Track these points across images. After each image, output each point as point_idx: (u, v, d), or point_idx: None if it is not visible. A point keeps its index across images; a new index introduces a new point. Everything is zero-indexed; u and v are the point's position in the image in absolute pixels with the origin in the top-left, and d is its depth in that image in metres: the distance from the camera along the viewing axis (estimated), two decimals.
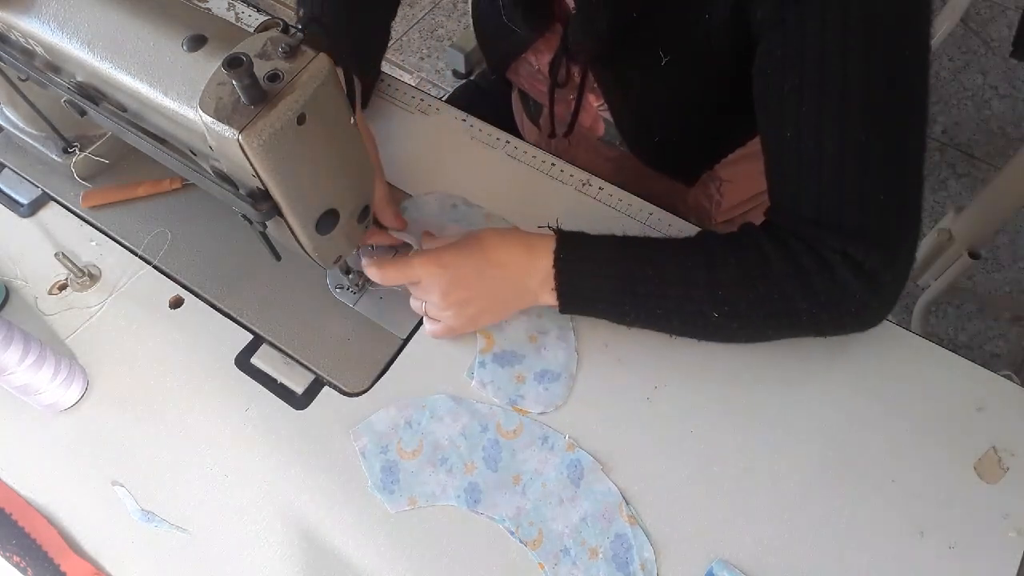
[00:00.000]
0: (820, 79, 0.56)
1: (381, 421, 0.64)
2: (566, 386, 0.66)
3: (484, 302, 0.65)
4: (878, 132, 0.56)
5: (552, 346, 0.68)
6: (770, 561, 0.58)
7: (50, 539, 0.60)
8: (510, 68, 0.85)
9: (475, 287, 0.65)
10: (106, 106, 0.58)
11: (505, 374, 0.66)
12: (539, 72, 0.81)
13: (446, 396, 0.66)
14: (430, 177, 0.79)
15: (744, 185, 0.85)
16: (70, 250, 0.75)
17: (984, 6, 2.10)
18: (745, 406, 0.65)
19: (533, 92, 0.86)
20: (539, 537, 0.59)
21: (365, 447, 0.63)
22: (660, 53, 0.67)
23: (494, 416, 0.65)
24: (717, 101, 0.72)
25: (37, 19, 0.56)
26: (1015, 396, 0.65)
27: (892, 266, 0.60)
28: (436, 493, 0.61)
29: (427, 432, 0.64)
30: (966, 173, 1.82)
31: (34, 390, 0.63)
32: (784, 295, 0.60)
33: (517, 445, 0.63)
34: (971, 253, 1.22)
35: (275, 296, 0.72)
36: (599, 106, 0.79)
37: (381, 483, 0.62)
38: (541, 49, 0.78)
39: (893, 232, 0.59)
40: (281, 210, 0.53)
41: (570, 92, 0.80)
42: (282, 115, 0.47)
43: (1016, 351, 1.56)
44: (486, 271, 0.65)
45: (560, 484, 0.61)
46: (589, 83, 0.77)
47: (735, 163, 0.82)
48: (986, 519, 0.59)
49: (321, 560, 0.59)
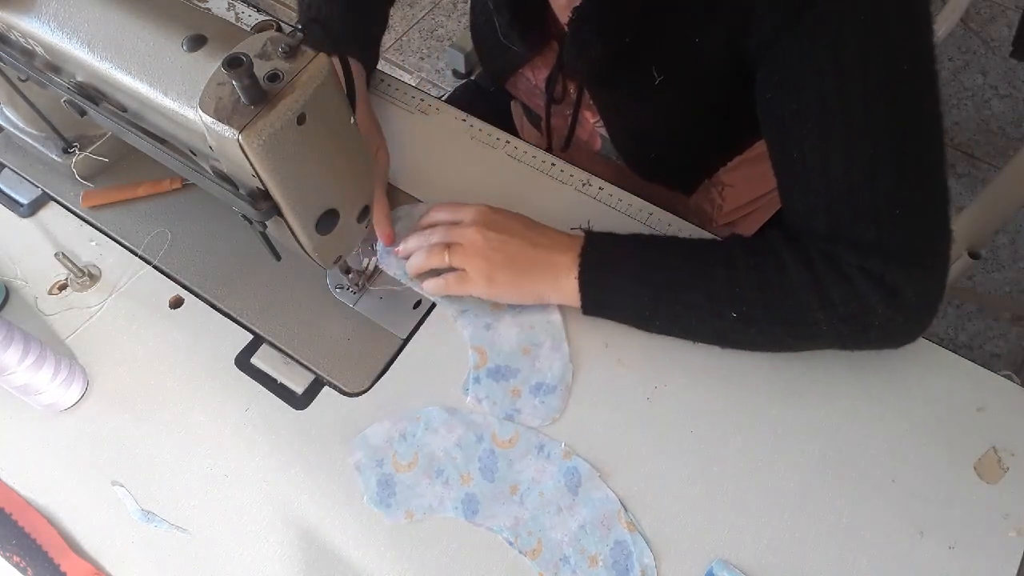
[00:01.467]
0: (819, 102, 0.56)
1: (375, 435, 0.64)
2: (562, 398, 0.65)
3: (515, 249, 0.66)
4: (886, 147, 0.55)
5: (546, 357, 0.67)
6: (770, 561, 0.58)
7: (50, 539, 0.60)
8: (508, 82, 0.85)
9: (515, 231, 0.67)
10: (106, 106, 0.58)
11: (500, 389, 0.66)
12: (536, 87, 0.81)
13: (440, 407, 0.65)
14: (430, 177, 0.79)
15: (745, 188, 0.85)
16: (70, 250, 0.75)
17: (984, 6, 2.10)
18: (745, 406, 0.65)
19: (531, 105, 0.87)
20: (538, 546, 0.59)
21: (360, 461, 0.63)
22: (654, 73, 0.67)
23: (489, 426, 0.64)
24: (712, 118, 0.73)
25: (37, 19, 0.56)
26: (1015, 396, 0.65)
27: (916, 282, 0.58)
28: (433, 505, 0.61)
29: (422, 444, 0.63)
30: (966, 173, 1.82)
31: (34, 390, 0.63)
32: (800, 303, 0.60)
33: (513, 455, 0.63)
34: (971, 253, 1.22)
35: (275, 296, 0.72)
36: (595, 122, 0.79)
37: (378, 497, 0.61)
38: (538, 65, 0.79)
39: (914, 247, 0.58)
40: (281, 210, 0.53)
41: (567, 108, 0.80)
42: (282, 115, 0.47)
43: (1016, 351, 1.56)
44: (529, 227, 0.68)
45: (558, 492, 0.61)
46: (585, 100, 0.78)
47: (736, 168, 0.82)
48: (986, 519, 0.59)
49: (321, 560, 0.59)
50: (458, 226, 0.68)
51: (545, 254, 0.66)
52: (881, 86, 0.54)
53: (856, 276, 0.58)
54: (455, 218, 0.69)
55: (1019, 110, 1.91)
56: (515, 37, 0.71)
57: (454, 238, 0.67)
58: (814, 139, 0.57)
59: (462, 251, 0.66)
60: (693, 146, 0.78)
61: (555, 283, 0.66)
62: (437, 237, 0.68)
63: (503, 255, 0.66)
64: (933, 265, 0.59)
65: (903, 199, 0.57)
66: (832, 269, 0.59)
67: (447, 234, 0.68)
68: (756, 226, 0.90)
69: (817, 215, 0.60)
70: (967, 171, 1.82)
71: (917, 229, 0.58)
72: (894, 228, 0.57)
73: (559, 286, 0.66)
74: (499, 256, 0.65)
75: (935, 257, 0.59)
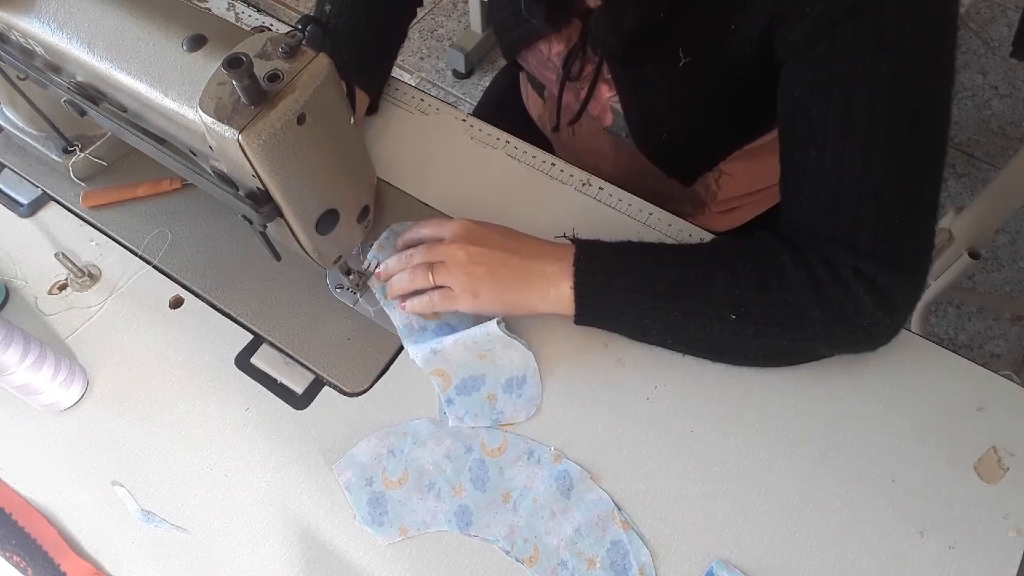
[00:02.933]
0: (848, 107, 0.57)
1: (363, 453, 0.63)
2: (536, 384, 0.65)
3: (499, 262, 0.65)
4: (900, 160, 0.57)
5: (502, 355, 0.66)
6: (770, 561, 0.58)
7: (50, 539, 0.60)
8: (520, 54, 0.84)
9: (498, 244, 0.65)
10: (106, 106, 0.58)
11: (475, 400, 0.65)
12: (550, 61, 0.81)
13: (427, 420, 0.65)
14: (430, 177, 0.79)
15: (742, 180, 0.85)
16: (70, 250, 0.75)
17: (984, 6, 2.10)
18: (745, 406, 0.65)
19: (542, 79, 0.86)
20: (535, 553, 0.59)
21: (349, 481, 0.62)
22: (680, 54, 0.67)
23: (477, 435, 0.64)
24: (728, 106, 0.73)
25: (37, 19, 0.56)
26: (1015, 396, 0.65)
27: (904, 288, 0.61)
28: (427, 520, 0.60)
29: (411, 459, 0.63)
30: (966, 173, 1.82)
31: (34, 390, 0.63)
32: (798, 303, 0.61)
33: (504, 462, 0.63)
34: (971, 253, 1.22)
35: (275, 296, 0.72)
36: (611, 97, 0.79)
37: (369, 516, 0.60)
38: (555, 39, 0.78)
39: (907, 256, 0.60)
40: (281, 210, 0.53)
41: (582, 84, 0.80)
42: (282, 115, 0.47)
43: (1016, 351, 1.56)
44: (512, 237, 0.67)
45: (551, 497, 0.61)
46: (603, 75, 0.77)
47: (737, 158, 0.82)
48: (986, 519, 0.59)
49: (321, 560, 0.59)
50: (440, 244, 0.66)
51: (532, 264, 0.65)
52: (909, 101, 0.56)
53: (851, 278, 0.59)
54: (437, 235, 0.68)
55: (1019, 110, 1.91)
56: (539, 12, 0.71)
57: (437, 257, 0.66)
58: (835, 143, 0.58)
59: (445, 269, 0.65)
60: (704, 132, 0.78)
61: (544, 294, 0.65)
62: (419, 257, 0.67)
63: (486, 269, 0.64)
64: (917, 272, 0.61)
65: (905, 210, 0.59)
66: (829, 271, 0.60)
67: (429, 253, 0.66)
68: (747, 217, 0.91)
69: (821, 215, 0.61)
70: (967, 171, 1.82)
71: (911, 239, 0.60)
72: (892, 236, 0.59)
73: (549, 296, 0.65)
74: (482, 270, 0.64)
75: (920, 266, 0.62)
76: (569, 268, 0.64)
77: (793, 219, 0.64)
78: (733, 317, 0.61)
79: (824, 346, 0.64)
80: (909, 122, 0.57)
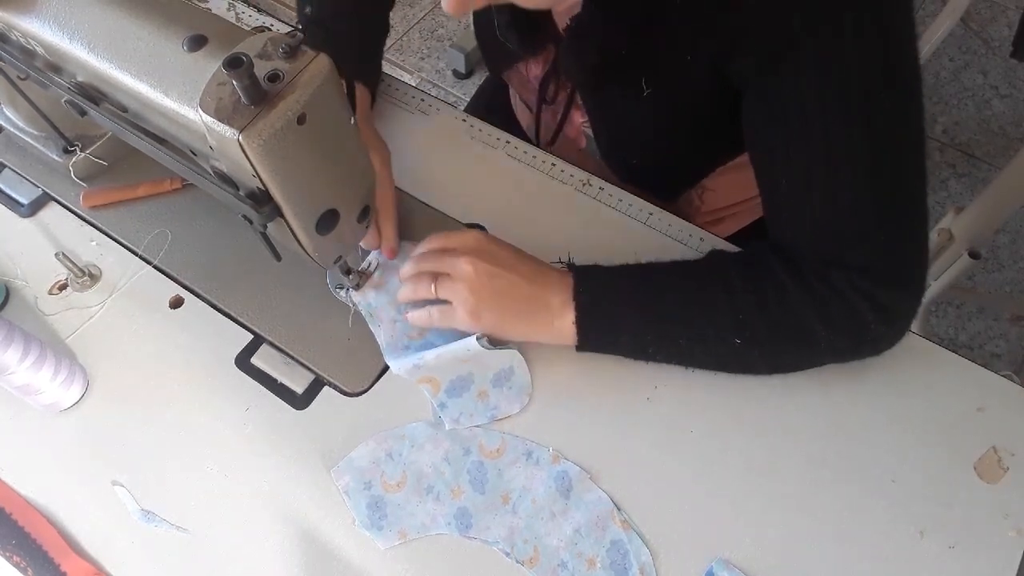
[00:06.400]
0: (803, 136, 0.57)
1: (361, 457, 0.63)
2: (524, 373, 0.65)
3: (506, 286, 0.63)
4: (870, 176, 0.57)
5: (482, 353, 0.65)
6: (770, 561, 0.58)
7: (50, 539, 0.60)
8: (503, 73, 0.86)
9: (508, 265, 0.64)
10: (106, 106, 0.58)
11: (467, 400, 0.65)
12: (529, 83, 0.82)
13: (425, 423, 0.64)
14: (430, 177, 0.79)
15: (725, 193, 0.86)
16: (70, 250, 0.75)
17: (984, 6, 2.10)
18: (745, 406, 0.65)
19: (523, 97, 0.88)
20: (535, 555, 0.59)
21: (348, 485, 0.62)
22: (643, 85, 0.67)
23: (475, 437, 0.64)
24: (698, 132, 0.73)
25: (37, 19, 0.56)
26: (1015, 396, 0.65)
27: (902, 298, 0.61)
28: (426, 523, 0.60)
29: (409, 462, 0.63)
30: (966, 173, 1.82)
31: (34, 390, 0.63)
32: (801, 321, 0.61)
33: (502, 464, 0.62)
34: (971, 253, 1.23)
35: (275, 296, 0.72)
36: (583, 123, 0.80)
37: (369, 520, 0.60)
38: (534, 62, 0.79)
39: (900, 268, 0.60)
40: (281, 210, 0.53)
41: (558, 106, 0.81)
42: (282, 115, 0.47)
43: (1016, 351, 1.56)
44: (523, 261, 0.65)
45: (550, 498, 0.61)
46: (576, 101, 0.78)
47: (719, 174, 0.83)
48: (986, 519, 0.59)
49: (321, 559, 0.59)
50: (450, 255, 0.65)
51: (540, 293, 0.63)
52: (864, 120, 0.56)
53: (850, 294, 0.60)
54: (448, 246, 0.67)
55: (1019, 110, 1.91)
56: (513, 37, 0.72)
57: (445, 268, 0.65)
58: (799, 170, 0.59)
59: (450, 282, 0.64)
60: (675, 156, 0.79)
61: (549, 327, 0.64)
62: (427, 266, 0.66)
63: (491, 291, 0.63)
64: (914, 281, 0.62)
65: (888, 225, 0.59)
66: (827, 288, 0.60)
67: (438, 263, 0.66)
68: (737, 227, 0.90)
69: (805, 240, 0.62)
70: (967, 171, 1.82)
71: (902, 251, 0.60)
72: (880, 252, 0.60)
73: (553, 329, 0.64)
74: (487, 292, 0.63)
75: (916, 275, 0.62)
76: (569, 302, 0.63)
77: (780, 239, 0.64)
78: (738, 342, 0.61)
79: (828, 358, 0.64)
80: (868, 140, 0.56)
